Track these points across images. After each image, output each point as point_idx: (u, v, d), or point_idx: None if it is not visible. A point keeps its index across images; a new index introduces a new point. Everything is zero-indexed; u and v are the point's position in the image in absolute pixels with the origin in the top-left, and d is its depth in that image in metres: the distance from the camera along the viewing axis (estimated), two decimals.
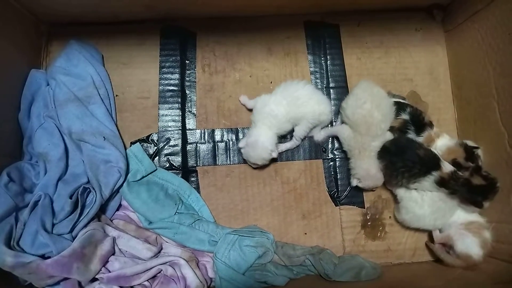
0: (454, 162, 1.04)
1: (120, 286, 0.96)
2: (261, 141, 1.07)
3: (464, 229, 1.04)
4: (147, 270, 0.98)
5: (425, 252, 1.16)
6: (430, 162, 1.02)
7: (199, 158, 1.19)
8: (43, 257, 0.91)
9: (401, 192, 1.09)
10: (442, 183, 1.01)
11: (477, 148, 1.07)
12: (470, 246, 1.02)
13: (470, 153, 1.05)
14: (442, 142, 1.09)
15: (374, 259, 1.12)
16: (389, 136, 1.10)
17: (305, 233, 1.15)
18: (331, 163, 1.20)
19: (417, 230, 1.15)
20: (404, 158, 1.03)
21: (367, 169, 1.09)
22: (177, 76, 1.21)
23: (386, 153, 1.07)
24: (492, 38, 1.06)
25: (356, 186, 1.13)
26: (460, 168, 1.03)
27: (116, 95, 1.18)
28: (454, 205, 1.06)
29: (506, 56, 1.01)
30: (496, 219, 1.04)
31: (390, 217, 1.17)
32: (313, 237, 1.15)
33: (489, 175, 1.01)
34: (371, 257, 1.12)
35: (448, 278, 1.02)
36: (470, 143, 1.10)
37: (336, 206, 1.17)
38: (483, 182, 1.00)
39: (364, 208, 1.17)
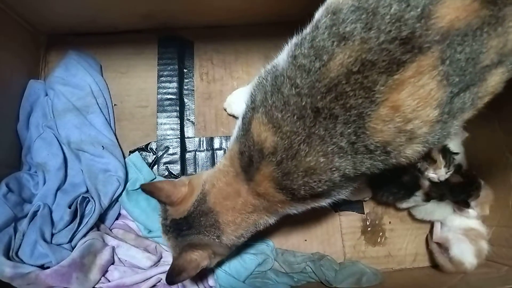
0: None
1: None
2: None
3: (463, 235, 1.04)
4: (146, 279, 0.97)
5: (426, 258, 1.15)
6: (412, 186, 1.03)
7: (198, 166, 1.19)
8: (42, 267, 0.90)
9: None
10: (428, 198, 1.03)
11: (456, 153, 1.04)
12: (465, 252, 1.01)
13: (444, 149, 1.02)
14: None
15: (375, 265, 1.11)
16: None
17: (305, 240, 1.14)
18: None
19: (418, 235, 1.15)
20: (389, 184, 1.05)
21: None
22: (175, 84, 1.22)
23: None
24: None
25: None
26: (427, 158, 1.01)
27: (115, 104, 1.19)
28: None
29: None
30: (496, 223, 1.05)
31: (390, 222, 1.17)
32: (313, 243, 1.14)
33: (468, 172, 1.02)
34: (371, 263, 1.11)
35: (449, 283, 1.01)
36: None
37: (335, 212, 1.17)
38: (461, 179, 1.00)
39: (364, 213, 1.17)
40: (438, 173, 1.00)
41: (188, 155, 1.19)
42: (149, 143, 1.18)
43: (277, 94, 0.68)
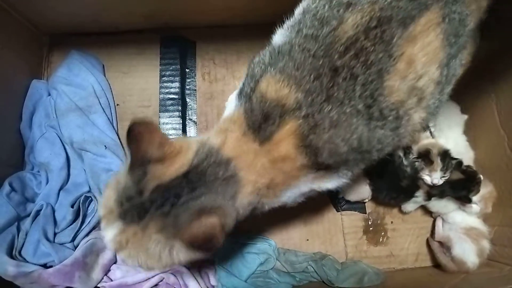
0: (425, 153, 1.02)
1: None
2: None
3: (464, 234, 1.04)
4: (149, 278, 0.97)
5: (428, 257, 1.15)
6: (412, 188, 1.04)
7: None
8: (45, 266, 0.91)
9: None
10: (429, 197, 1.04)
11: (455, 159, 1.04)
12: (467, 252, 1.01)
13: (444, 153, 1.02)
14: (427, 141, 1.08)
15: (377, 265, 1.11)
16: None
17: (307, 239, 1.14)
18: None
19: (420, 235, 1.15)
20: (388, 188, 1.06)
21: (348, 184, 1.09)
22: (177, 84, 1.22)
23: (371, 176, 1.08)
24: None
25: None
26: (426, 158, 1.02)
27: (117, 104, 1.19)
28: None
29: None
30: (499, 223, 1.04)
31: (392, 222, 1.16)
32: (315, 243, 1.14)
33: (468, 169, 1.02)
34: (373, 263, 1.11)
35: (451, 283, 1.01)
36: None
37: (337, 212, 1.17)
38: (461, 176, 1.01)
39: (366, 213, 1.17)
40: (433, 175, 1.00)
41: None
42: None
43: (286, 58, 0.66)
